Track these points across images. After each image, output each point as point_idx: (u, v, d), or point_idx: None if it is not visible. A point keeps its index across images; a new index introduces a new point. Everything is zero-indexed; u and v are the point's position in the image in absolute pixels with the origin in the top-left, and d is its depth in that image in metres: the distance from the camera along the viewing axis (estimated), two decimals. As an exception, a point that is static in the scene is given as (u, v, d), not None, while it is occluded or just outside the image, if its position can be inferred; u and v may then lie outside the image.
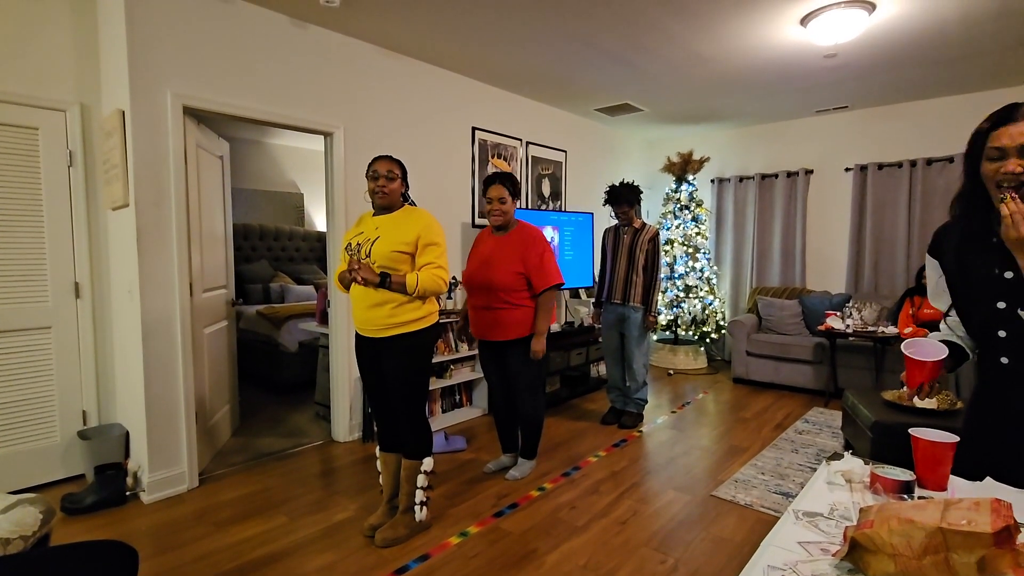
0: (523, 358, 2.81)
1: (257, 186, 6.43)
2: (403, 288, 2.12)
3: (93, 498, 2.56)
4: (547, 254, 2.79)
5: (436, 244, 2.20)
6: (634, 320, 3.70)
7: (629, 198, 3.67)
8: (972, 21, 3.14)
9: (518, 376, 2.84)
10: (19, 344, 2.72)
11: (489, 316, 2.79)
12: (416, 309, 2.20)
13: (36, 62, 2.72)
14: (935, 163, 4.74)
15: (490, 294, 2.76)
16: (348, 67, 3.43)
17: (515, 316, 2.76)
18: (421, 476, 2.32)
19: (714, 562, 2.18)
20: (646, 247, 3.68)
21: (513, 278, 2.74)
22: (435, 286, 2.16)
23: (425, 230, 2.19)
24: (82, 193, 2.88)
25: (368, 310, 2.17)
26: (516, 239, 2.79)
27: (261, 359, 4.86)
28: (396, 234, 2.16)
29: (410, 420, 2.28)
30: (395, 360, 2.21)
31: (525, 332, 2.79)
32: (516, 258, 2.75)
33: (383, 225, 2.21)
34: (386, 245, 2.14)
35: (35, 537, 1.45)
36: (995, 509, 0.80)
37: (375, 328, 2.19)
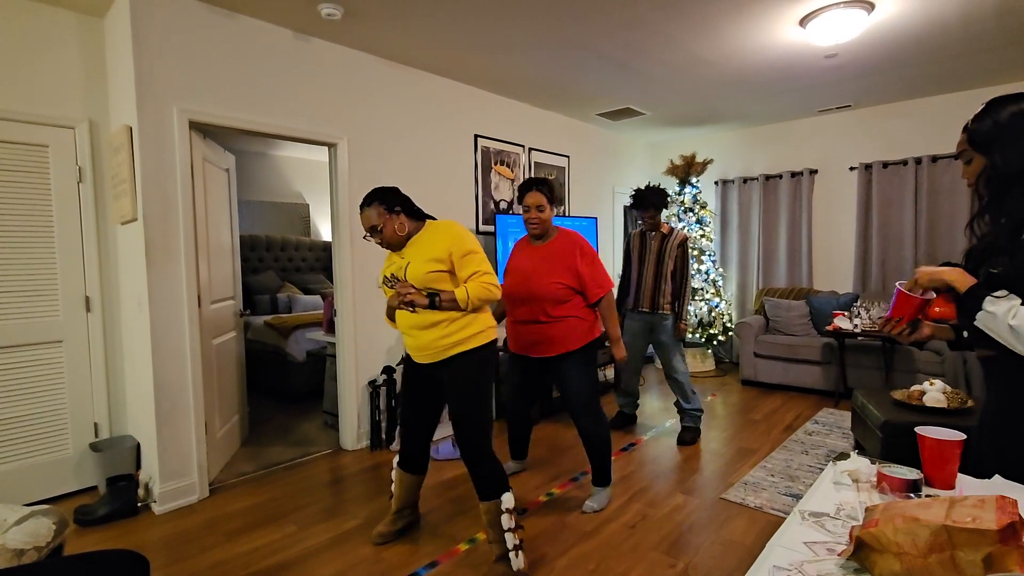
0: (576, 374, 2.58)
1: (263, 197, 6.49)
2: (454, 304, 1.97)
3: (105, 509, 2.58)
4: (596, 261, 2.60)
5: (473, 252, 2.05)
6: (666, 328, 3.54)
7: (656, 202, 3.52)
8: (972, 18, 3.13)
9: (576, 396, 2.59)
10: (32, 358, 2.76)
11: (535, 332, 2.59)
12: (469, 325, 2.04)
13: (45, 81, 2.77)
14: (940, 160, 4.71)
15: (534, 307, 2.57)
16: (351, 78, 3.47)
17: (562, 329, 2.55)
18: (505, 516, 2.05)
19: (724, 565, 2.16)
20: (675, 253, 3.53)
21: (559, 290, 2.53)
22: (487, 294, 2.01)
23: (455, 241, 2.03)
24: (91, 208, 2.92)
25: (420, 334, 2.03)
26: (560, 248, 2.59)
27: (269, 369, 4.89)
28: (425, 253, 2.04)
29: (477, 452, 2.07)
30: (456, 386, 2.05)
31: (575, 345, 2.57)
32: (562, 268, 2.54)
33: (408, 252, 2.10)
34: (419, 267, 2.01)
35: (49, 548, 1.46)
36: (1000, 506, 0.80)
37: (431, 353, 2.05)
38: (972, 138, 1.20)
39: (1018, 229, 1.13)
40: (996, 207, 1.17)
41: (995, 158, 1.15)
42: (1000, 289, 1.12)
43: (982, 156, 1.18)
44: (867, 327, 4.19)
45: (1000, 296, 1.10)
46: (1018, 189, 1.12)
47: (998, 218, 1.17)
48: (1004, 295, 1.10)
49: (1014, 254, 1.12)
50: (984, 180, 1.18)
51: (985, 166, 1.18)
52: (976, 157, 1.20)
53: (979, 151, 1.19)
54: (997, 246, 1.15)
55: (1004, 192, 1.15)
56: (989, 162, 1.16)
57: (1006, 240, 1.14)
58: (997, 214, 1.17)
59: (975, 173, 1.21)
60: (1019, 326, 1.06)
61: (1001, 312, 1.08)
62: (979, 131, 1.18)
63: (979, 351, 1.26)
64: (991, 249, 1.17)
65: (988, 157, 1.16)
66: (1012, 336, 1.07)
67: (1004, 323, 1.08)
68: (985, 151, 1.17)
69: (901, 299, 1.29)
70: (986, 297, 1.12)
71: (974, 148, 1.20)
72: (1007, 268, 1.12)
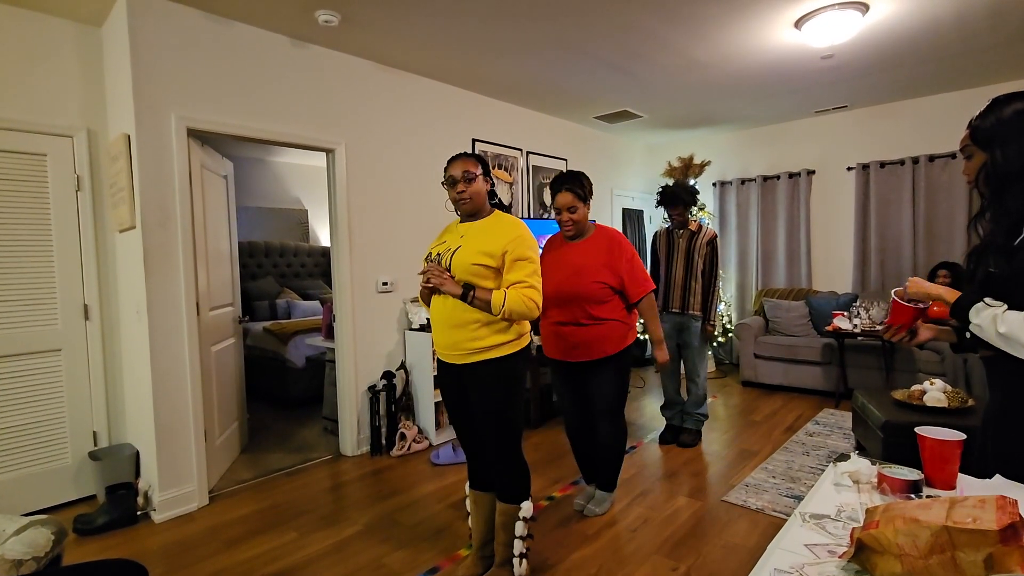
0: (607, 379, 2.49)
1: (262, 204, 6.50)
2: (487, 306, 1.82)
3: (105, 518, 2.57)
4: (636, 259, 2.48)
5: (528, 260, 1.88)
6: (695, 330, 3.45)
7: (685, 199, 3.42)
8: (966, 18, 3.14)
9: (602, 399, 2.52)
10: (30, 367, 2.76)
11: (574, 335, 2.46)
12: (504, 330, 1.90)
13: (43, 90, 2.78)
14: (937, 159, 4.72)
15: (573, 308, 2.45)
16: (348, 84, 3.48)
17: (603, 332, 2.44)
18: (519, 524, 2.00)
19: (726, 568, 2.15)
20: (704, 251, 3.43)
21: (600, 289, 2.41)
22: (525, 308, 1.83)
23: (515, 243, 1.86)
24: (90, 216, 2.92)
25: (449, 331, 1.90)
26: (597, 246, 2.46)
27: (269, 375, 4.89)
28: (480, 243, 1.87)
29: (502, 458, 1.97)
30: (481, 391, 1.93)
31: (612, 350, 2.46)
32: (600, 266, 2.42)
33: (468, 234, 1.93)
34: (467, 256, 1.85)
35: (47, 558, 1.46)
36: (1001, 506, 0.80)
37: (458, 353, 1.91)
38: (974, 134, 1.20)
39: (1016, 227, 1.13)
40: (996, 204, 1.17)
41: (996, 154, 1.15)
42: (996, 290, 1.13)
43: (983, 152, 1.19)
44: (867, 327, 4.19)
45: (984, 305, 1.11)
46: (1017, 186, 1.13)
47: (998, 216, 1.17)
48: (987, 304, 1.11)
49: (1011, 255, 1.12)
50: (984, 176, 1.19)
51: (985, 162, 1.18)
52: (977, 153, 1.21)
53: (980, 147, 1.19)
54: (996, 244, 1.15)
55: (1003, 189, 1.15)
56: (990, 158, 1.17)
57: (1003, 238, 1.14)
58: (997, 212, 1.18)
59: (975, 169, 1.22)
60: (1008, 332, 1.06)
61: (986, 323, 1.10)
62: (982, 127, 1.19)
63: (982, 351, 1.25)
64: (990, 248, 1.17)
65: (989, 153, 1.17)
66: (1004, 343, 1.08)
67: (992, 332, 1.09)
68: (986, 147, 1.18)
69: (897, 307, 1.30)
70: (971, 308, 1.13)
71: (976, 144, 1.21)
72: (1003, 268, 1.12)
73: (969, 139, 1.22)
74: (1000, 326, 1.07)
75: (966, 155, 1.25)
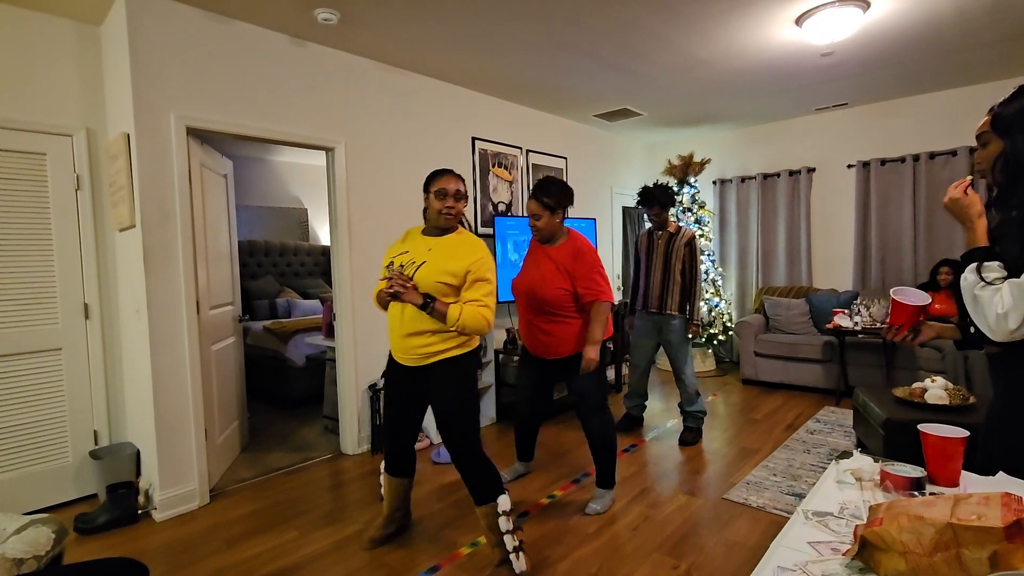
0: (587, 375, 2.58)
1: (262, 203, 6.49)
2: (443, 318, 1.96)
3: (105, 517, 2.57)
4: (595, 269, 2.57)
5: (487, 281, 2.04)
6: (674, 329, 3.51)
7: (662, 200, 3.50)
8: (967, 15, 3.13)
9: (583, 397, 2.61)
10: (31, 366, 2.75)
11: (541, 332, 2.62)
12: (454, 336, 2.05)
13: (42, 89, 2.77)
14: (938, 156, 4.72)
15: (542, 308, 2.60)
16: (347, 83, 3.47)
17: (572, 330, 2.57)
18: (503, 519, 2.05)
19: (727, 566, 2.15)
20: (682, 252, 3.50)
21: (560, 295, 2.54)
22: (477, 325, 1.99)
23: (477, 264, 2.03)
24: (90, 216, 2.92)
25: (404, 338, 2.05)
26: (564, 254, 2.59)
27: (269, 374, 4.88)
28: (445, 263, 2.02)
29: (471, 458, 2.06)
30: (440, 390, 2.05)
31: (580, 347, 2.58)
32: (563, 273, 2.55)
33: (435, 249, 2.07)
34: (432, 274, 2.00)
35: (48, 557, 1.45)
36: (1005, 503, 0.79)
37: (411, 358, 2.07)
38: (995, 121, 1.18)
39: None
40: (1010, 194, 1.15)
41: (1017, 142, 1.13)
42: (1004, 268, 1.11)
43: (1000, 140, 1.17)
44: (867, 325, 4.19)
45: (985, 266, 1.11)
46: None
47: (1009, 208, 1.15)
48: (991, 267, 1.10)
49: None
50: (1000, 165, 1.17)
51: (1002, 150, 1.16)
52: (994, 140, 1.19)
53: (999, 134, 1.17)
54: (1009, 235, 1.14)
55: (1019, 179, 1.13)
56: (1009, 147, 1.14)
57: (1016, 229, 1.12)
58: (1008, 203, 1.16)
59: (989, 157, 1.20)
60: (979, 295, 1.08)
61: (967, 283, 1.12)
62: (1004, 115, 1.17)
63: (987, 347, 1.25)
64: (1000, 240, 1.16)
65: (1009, 141, 1.15)
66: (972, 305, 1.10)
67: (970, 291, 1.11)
68: (1006, 135, 1.15)
69: (898, 307, 1.29)
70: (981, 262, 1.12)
71: (995, 131, 1.18)
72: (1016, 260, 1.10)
73: (989, 126, 1.20)
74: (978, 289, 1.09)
75: (981, 142, 1.22)
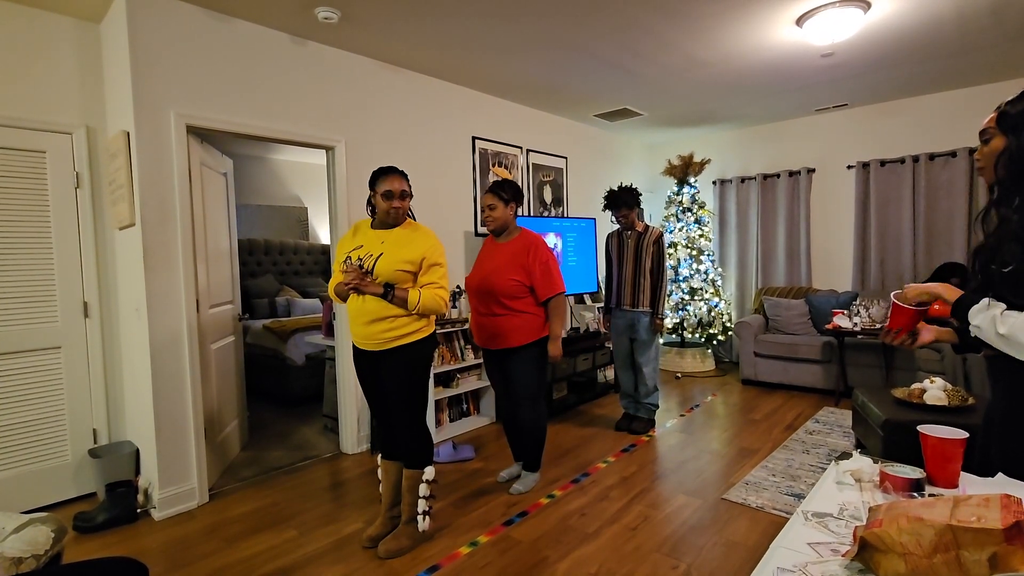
0: (523, 367, 2.78)
1: (262, 201, 6.49)
2: (404, 304, 2.15)
3: (105, 516, 2.57)
4: (550, 262, 2.78)
5: (440, 264, 2.25)
6: (644, 324, 3.66)
7: (628, 201, 3.63)
8: (967, 16, 3.13)
9: (518, 385, 2.81)
10: (30, 365, 2.75)
11: (490, 324, 2.79)
12: (414, 321, 2.22)
13: (42, 87, 2.77)
14: (937, 158, 4.72)
15: (491, 300, 2.76)
16: (347, 81, 3.47)
17: (515, 323, 2.75)
18: (423, 486, 2.32)
19: (727, 566, 2.16)
20: (651, 250, 3.65)
21: (512, 285, 2.73)
22: (436, 305, 2.20)
23: (431, 250, 2.23)
24: (89, 214, 2.92)
25: (366, 326, 2.19)
26: (516, 247, 2.79)
27: (269, 373, 4.88)
28: (402, 252, 2.18)
29: (409, 429, 2.29)
30: (394, 372, 2.23)
31: (525, 340, 2.76)
32: (516, 265, 2.74)
33: (388, 241, 2.22)
34: (390, 264, 2.16)
35: (47, 556, 1.45)
36: (1005, 505, 0.79)
37: (374, 343, 2.21)
38: (1001, 118, 1.17)
39: None
40: (1014, 192, 1.14)
41: (1021, 140, 1.12)
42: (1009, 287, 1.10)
43: (1004, 137, 1.16)
44: (867, 325, 4.19)
45: (983, 306, 1.09)
46: None
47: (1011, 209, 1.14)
48: (986, 305, 1.09)
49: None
50: (1004, 162, 1.16)
51: (1005, 148, 1.15)
52: (997, 137, 1.18)
53: (1004, 131, 1.16)
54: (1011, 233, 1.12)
55: (1022, 177, 1.12)
56: (1014, 144, 1.13)
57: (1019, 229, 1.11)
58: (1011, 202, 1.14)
59: (991, 154, 1.19)
60: (1008, 333, 1.05)
61: (986, 324, 1.08)
62: (1011, 112, 1.15)
63: (985, 350, 1.23)
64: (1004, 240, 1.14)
65: (1014, 138, 1.14)
66: (1004, 344, 1.07)
67: (991, 333, 1.08)
68: (1012, 132, 1.14)
69: (897, 310, 1.28)
70: (971, 309, 1.11)
71: (999, 127, 1.17)
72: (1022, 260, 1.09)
73: (994, 123, 1.18)
74: (1000, 327, 1.05)
75: (984, 139, 1.21)
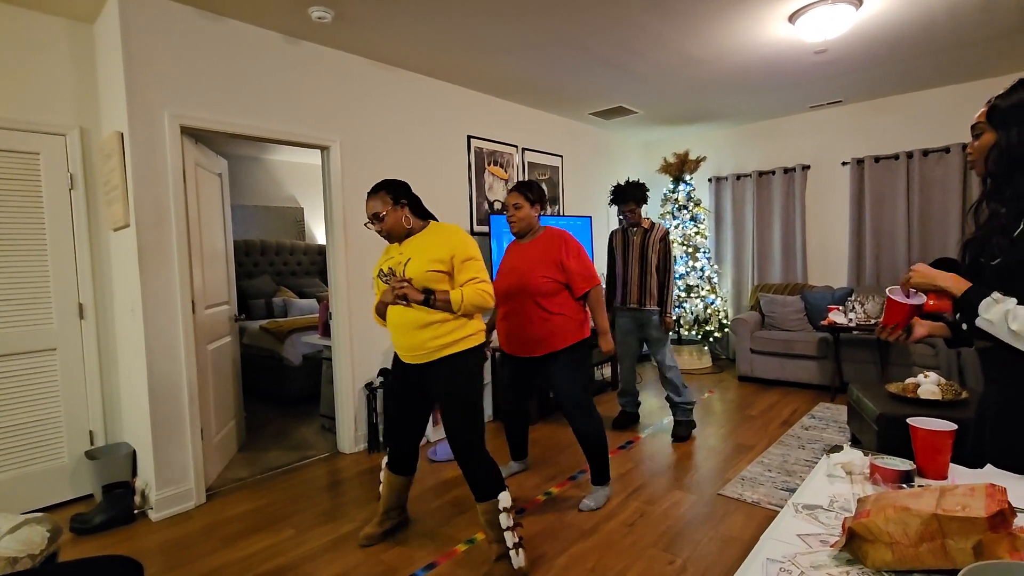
0: (568, 372, 2.59)
1: (257, 202, 6.48)
2: (447, 305, 2.00)
3: (102, 517, 2.57)
4: (582, 254, 2.65)
5: (474, 258, 2.09)
6: (654, 323, 3.57)
7: (636, 196, 3.55)
8: (958, 12, 3.15)
9: (567, 395, 2.60)
10: (25, 367, 2.75)
11: (525, 330, 2.61)
12: (462, 327, 2.06)
13: (35, 88, 2.76)
14: (931, 153, 4.74)
15: (526, 303, 2.60)
16: (342, 81, 3.46)
17: (553, 326, 2.58)
18: (503, 515, 2.06)
19: (723, 561, 2.17)
20: (658, 247, 3.56)
21: (547, 283, 2.57)
22: (481, 301, 2.03)
23: (458, 246, 2.07)
24: (84, 215, 2.91)
25: (410, 334, 2.04)
26: (544, 243, 2.65)
27: (266, 374, 4.88)
28: (428, 252, 2.05)
29: (474, 455, 2.06)
30: (445, 387, 2.06)
31: (567, 342, 2.60)
32: (548, 262, 2.59)
33: (412, 246, 2.12)
34: (420, 265, 2.03)
35: (42, 556, 1.46)
36: (989, 494, 0.80)
37: (420, 354, 2.06)
38: (991, 112, 1.17)
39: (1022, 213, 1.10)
40: (1006, 185, 1.14)
41: (1011, 134, 1.12)
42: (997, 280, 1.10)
43: (994, 132, 1.16)
44: (862, 321, 4.21)
45: (994, 300, 1.08)
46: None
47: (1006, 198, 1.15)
48: (997, 299, 1.08)
49: (1016, 242, 1.10)
50: (994, 156, 1.16)
51: (995, 143, 1.15)
52: (987, 132, 1.18)
53: (995, 126, 1.16)
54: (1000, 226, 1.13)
55: (1014, 171, 1.12)
56: (1003, 139, 1.14)
57: (1009, 219, 1.11)
58: (1003, 195, 1.15)
59: (981, 149, 1.19)
60: (1021, 329, 1.04)
61: (998, 318, 1.07)
62: (1001, 106, 1.15)
63: (977, 343, 1.25)
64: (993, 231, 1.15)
65: (1004, 133, 1.14)
66: (1016, 340, 1.06)
67: (1004, 328, 1.07)
68: (1002, 126, 1.14)
69: (892, 306, 1.28)
70: (981, 303, 1.10)
71: (990, 122, 1.17)
72: (1007, 252, 1.10)
73: (984, 116, 1.18)
74: (1012, 323, 1.05)
75: (975, 133, 1.21)
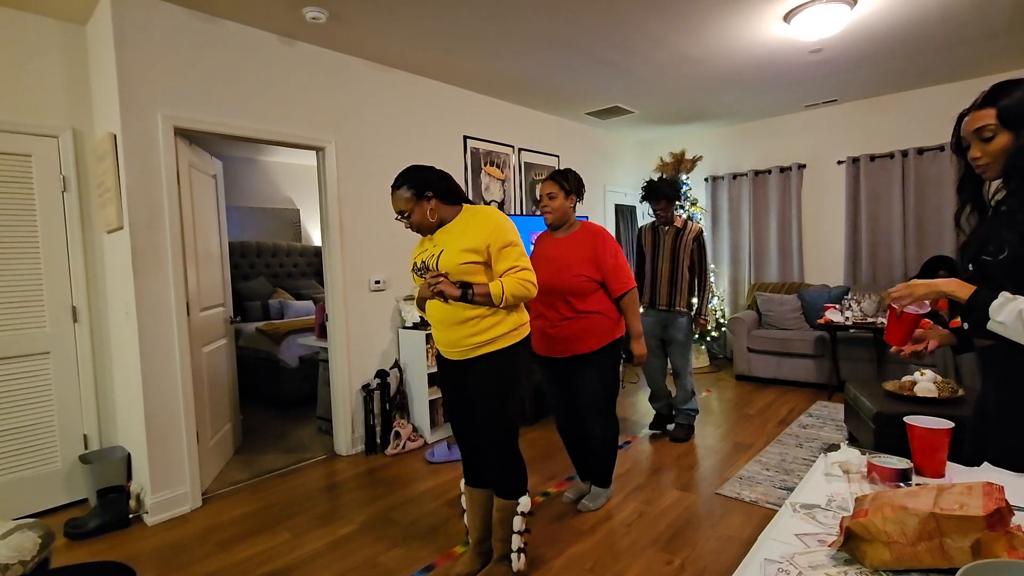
0: (597, 374, 2.49)
1: (253, 203, 6.45)
2: (488, 299, 1.85)
3: (96, 522, 2.55)
4: (620, 254, 2.52)
5: (513, 244, 1.90)
6: (680, 326, 3.46)
7: (669, 193, 3.40)
8: (951, 11, 3.16)
9: (590, 396, 2.51)
10: (18, 371, 2.73)
11: (560, 329, 2.47)
12: (502, 322, 1.90)
13: (27, 89, 2.74)
14: (926, 152, 4.75)
15: (559, 302, 2.47)
16: (337, 82, 3.45)
17: (587, 326, 2.45)
18: (518, 519, 2.01)
19: (721, 560, 2.16)
20: (691, 247, 3.44)
21: (582, 282, 2.44)
22: (523, 291, 1.87)
23: (494, 232, 1.87)
24: (77, 217, 2.89)
25: (450, 329, 1.90)
26: (582, 239, 2.51)
27: (262, 376, 4.86)
28: (461, 242, 1.88)
29: (500, 451, 1.97)
30: (482, 384, 1.94)
31: (600, 343, 2.47)
32: (583, 259, 2.46)
33: (443, 236, 1.94)
34: (453, 257, 1.86)
35: (34, 562, 1.44)
36: (987, 492, 0.80)
37: (461, 349, 1.92)
38: (1004, 113, 1.09)
39: None
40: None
41: None
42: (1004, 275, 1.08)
43: (1010, 133, 1.08)
44: (858, 319, 4.22)
45: (1005, 300, 1.05)
46: None
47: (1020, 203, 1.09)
48: (1005, 300, 1.05)
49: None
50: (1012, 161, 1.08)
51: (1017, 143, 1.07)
52: (1002, 134, 1.09)
53: (1009, 127, 1.08)
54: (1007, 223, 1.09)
55: None
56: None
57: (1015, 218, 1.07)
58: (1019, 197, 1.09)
59: (995, 152, 1.11)
60: None
61: (1011, 319, 1.03)
62: (1011, 106, 1.07)
63: (977, 341, 1.23)
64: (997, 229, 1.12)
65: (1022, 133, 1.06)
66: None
67: (1019, 327, 1.02)
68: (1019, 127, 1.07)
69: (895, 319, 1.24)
70: (991, 306, 1.06)
71: (1004, 124, 1.09)
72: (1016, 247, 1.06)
73: (994, 118, 1.10)
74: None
75: (983, 137, 1.13)
